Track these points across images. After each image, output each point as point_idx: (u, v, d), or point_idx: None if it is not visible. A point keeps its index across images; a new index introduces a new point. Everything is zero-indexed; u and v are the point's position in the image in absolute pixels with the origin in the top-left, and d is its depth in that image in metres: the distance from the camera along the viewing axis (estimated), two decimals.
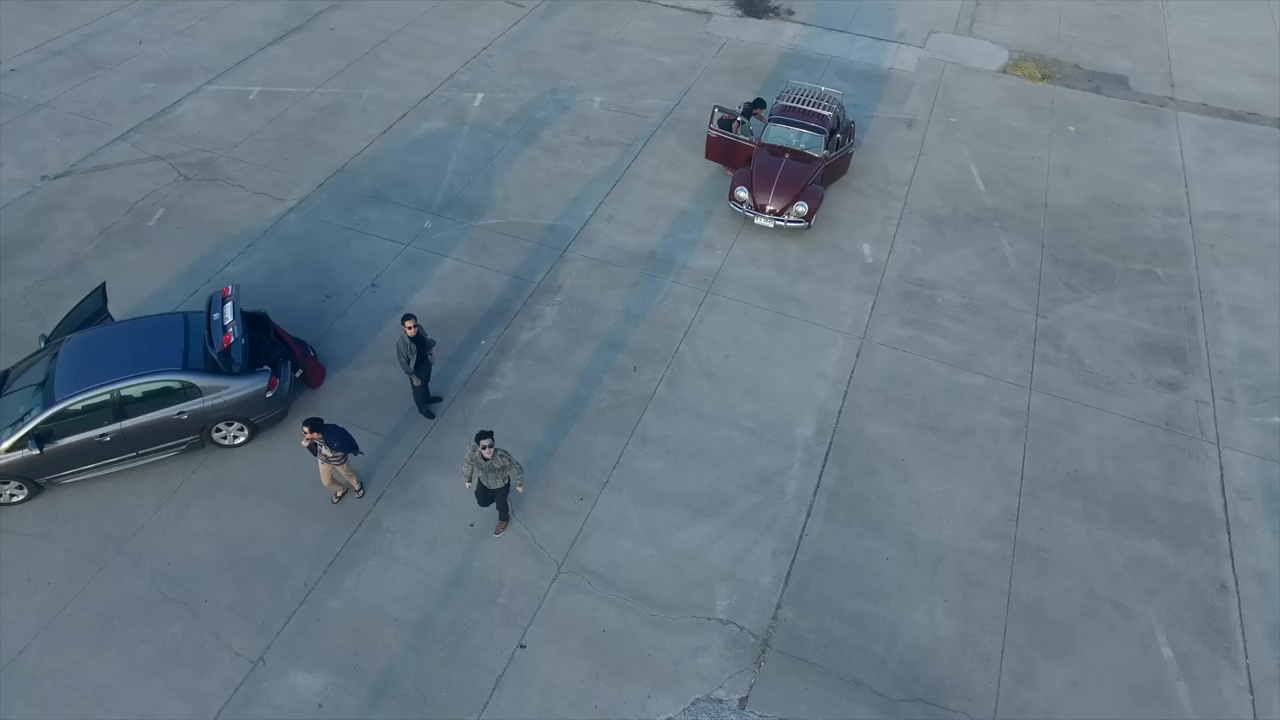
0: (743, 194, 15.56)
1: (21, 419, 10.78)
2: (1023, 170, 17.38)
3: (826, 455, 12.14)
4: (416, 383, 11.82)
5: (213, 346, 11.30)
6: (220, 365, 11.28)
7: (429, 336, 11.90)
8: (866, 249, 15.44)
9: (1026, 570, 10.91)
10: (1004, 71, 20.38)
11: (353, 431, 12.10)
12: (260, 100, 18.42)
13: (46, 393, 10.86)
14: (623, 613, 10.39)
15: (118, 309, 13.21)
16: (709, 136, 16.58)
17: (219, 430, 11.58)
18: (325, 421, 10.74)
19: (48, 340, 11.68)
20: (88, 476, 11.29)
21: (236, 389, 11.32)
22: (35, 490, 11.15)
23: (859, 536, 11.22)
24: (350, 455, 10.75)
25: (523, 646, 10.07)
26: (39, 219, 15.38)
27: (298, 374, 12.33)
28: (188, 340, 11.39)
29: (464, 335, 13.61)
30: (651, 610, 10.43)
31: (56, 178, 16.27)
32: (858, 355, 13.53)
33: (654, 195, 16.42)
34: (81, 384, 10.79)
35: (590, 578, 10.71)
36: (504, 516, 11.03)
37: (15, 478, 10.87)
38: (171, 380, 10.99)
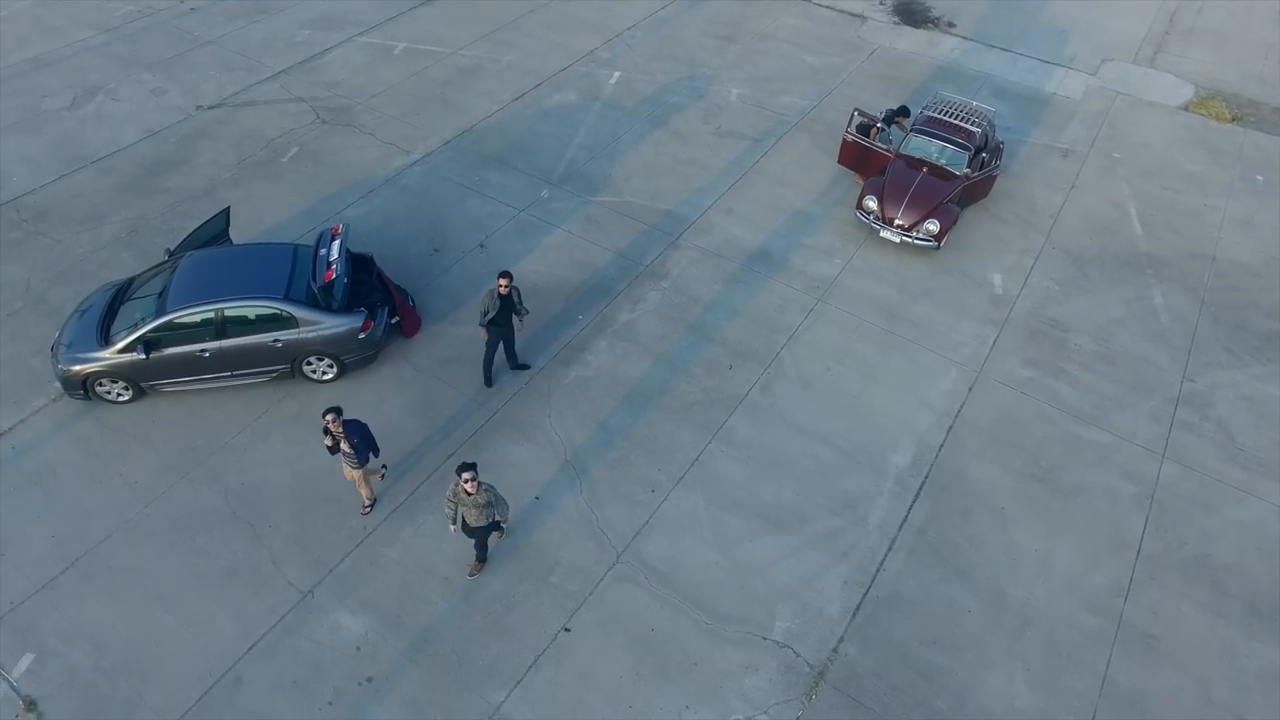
0: (871, 204, 14.70)
1: (135, 325, 11.25)
2: (1191, 218, 15.73)
3: (920, 489, 11.23)
4: (483, 336, 11.65)
5: (315, 281, 11.47)
6: (319, 300, 11.44)
7: (524, 306, 11.69)
8: (997, 279, 14.30)
9: (1129, 655, 9.72)
10: (1186, 109, 18.56)
11: (436, 387, 12.10)
12: (404, 56, 18.86)
13: (160, 303, 11.29)
14: (675, 615, 9.88)
15: (239, 234, 13.68)
16: (844, 140, 15.77)
17: (309, 364, 11.76)
18: (347, 416, 9.95)
19: (171, 254, 12.17)
20: (185, 389, 11.69)
21: (331, 325, 11.46)
22: (139, 394, 11.64)
23: (942, 581, 10.29)
24: (372, 458, 10.17)
25: (567, 630, 9.72)
26: (187, 145, 16.21)
27: (394, 320, 12.40)
28: (293, 271, 11.60)
29: (562, 308, 13.40)
30: (705, 618, 9.87)
31: (210, 108, 17.12)
32: (970, 389, 12.51)
33: (778, 194, 15.77)
34: (191, 299, 11.16)
35: (648, 572, 10.25)
36: (481, 557, 10.03)
37: (123, 379, 11.37)
38: (271, 307, 11.22)
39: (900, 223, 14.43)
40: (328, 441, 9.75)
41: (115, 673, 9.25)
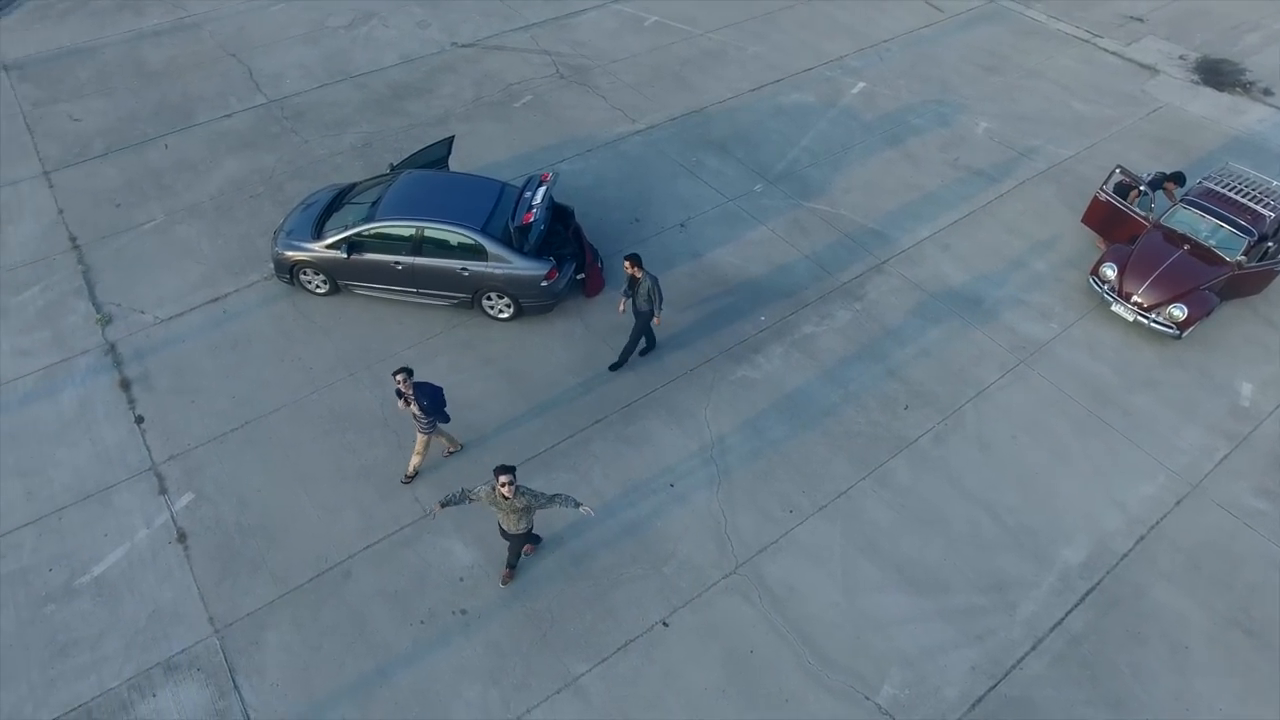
0: (1110, 272, 13.07)
1: (346, 226, 11.98)
2: None
3: (1087, 594, 9.83)
4: (620, 308, 11.46)
5: (513, 221, 11.70)
6: (513, 240, 11.66)
7: (660, 305, 11.15)
8: (1246, 389, 12.29)
9: None
10: None
11: (602, 351, 12.04)
12: (653, 29, 19.03)
13: (371, 211, 11.95)
14: (779, 644, 9.22)
15: (457, 164, 14.29)
16: (1096, 198, 14.12)
17: (489, 299, 12.04)
18: (418, 379, 9.51)
19: (393, 169, 12.87)
20: (373, 294, 12.36)
21: (518, 266, 11.66)
22: (334, 289, 12.43)
23: (1087, 704, 8.93)
24: (438, 424, 9.87)
25: (665, 624, 9.33)
26: (434, 75, 17.22)
27: (578, 276, 12.47)
28: (496, 208, 11.91)
29: (747, 304, 12.94)
30: (810, 657, 9.13)
31: (462, 46, 18.12)
32: (1178, 503, 10.81)
33: (1005, 241, 14.42)
34: (399, 213, 11.73)
35: (762, 592, 9.65)
36: (511, 563, 9.42)
37: (324, 272, 12.17)
38: (467, 236, 11.56)
39: (1139, 300, 12.73)
40: (401, 404, 9.37)
41: (249, 531, 9.90)
